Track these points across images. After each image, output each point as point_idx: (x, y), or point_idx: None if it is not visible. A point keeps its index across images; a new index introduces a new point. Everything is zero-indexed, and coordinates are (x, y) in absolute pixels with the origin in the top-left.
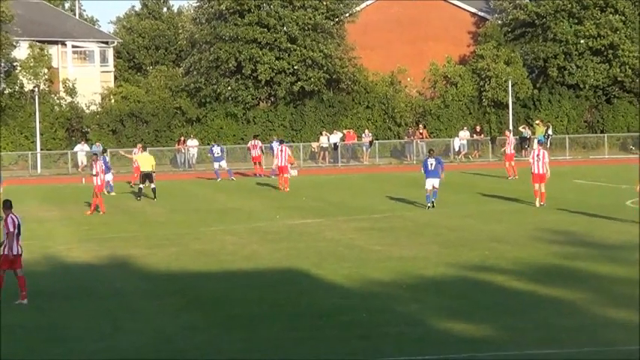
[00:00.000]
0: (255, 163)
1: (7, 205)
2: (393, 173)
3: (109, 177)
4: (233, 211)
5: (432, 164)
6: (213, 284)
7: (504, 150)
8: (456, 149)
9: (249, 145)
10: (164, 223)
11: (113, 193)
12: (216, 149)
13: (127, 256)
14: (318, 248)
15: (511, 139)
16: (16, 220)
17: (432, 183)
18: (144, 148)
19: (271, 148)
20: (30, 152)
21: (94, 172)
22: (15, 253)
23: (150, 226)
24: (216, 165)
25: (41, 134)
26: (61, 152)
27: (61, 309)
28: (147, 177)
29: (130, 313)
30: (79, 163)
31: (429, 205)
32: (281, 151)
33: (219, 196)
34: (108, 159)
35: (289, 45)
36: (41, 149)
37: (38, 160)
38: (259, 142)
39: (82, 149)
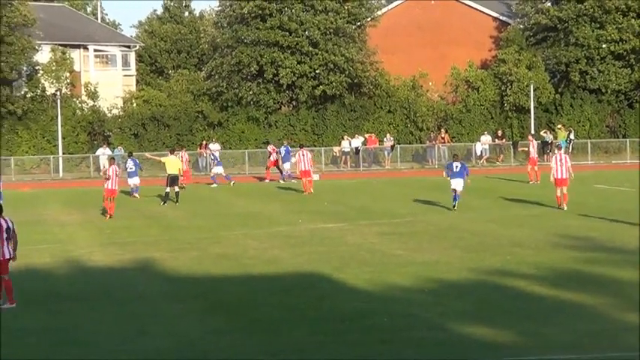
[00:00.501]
0: (268, 168)
1: None
2: (414, 178)
3: (135, 180)
4: (254, 215)
5: (457, 167)
6: (236, 288)
7: (527, 152)
8: (478, 154)
9: (269, 149)
10: (186, 227)
11: (137, 195)
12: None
13: (149, 260)
14: (340, 252)
15: (535, 144)
16: (4, 224)
17: (456, 183)
18: (172, 152)
19: (280, 153)
20: (52, 156)
21: (106, 176)
22: (3, 257)
23: (172, 230)
24: (216, 170)
25: (63, 138)
26: (82, 156)
27: (83, 312)
28: (174, 180)
29: (152, 317)
30: (101, 167)
31: (454, 204)
32: (303, 155)
33: (240, 200)
34: (134, 162)
35: (311, 49)
36: (63, 153)
37: (60, 164)
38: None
39: (103, 153)
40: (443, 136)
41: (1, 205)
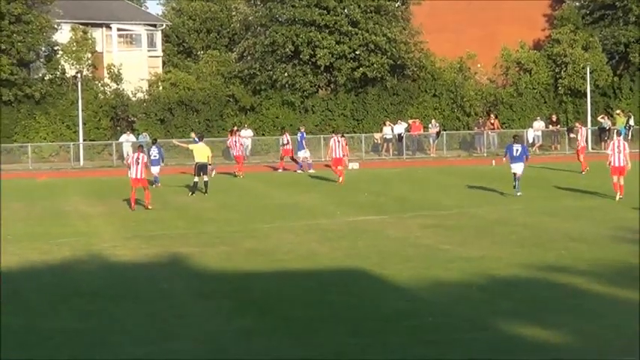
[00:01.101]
0: (282, 158)
1: None
2: (461, 166)
3: (156, 170)
4: (289, 206)
5: (517, 150)
6: (269, 285)
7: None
8: (530, 141)
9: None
10: (215, 220)
11: (159, 185)
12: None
13: (175, 255)
14: (381, 247)
15: (583, 131)
16: None
17: (517, 167)
18: (201, 138)
19: (299, 140)
20: (72, 143)
21: (127, 164)
22: None
23: (200, 223)
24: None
25: (84, 123)
26: (105, 143)
27: (105, 311)
28: (202, 169)
29: (178, 317)
30: (125, 155)
31: (517, 192)
32: (338, 142)
33: (274, 191)
34: (159, 150)
35: (350, 28)
36: (84, 140)
37: (81, 152)
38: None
39: (127, 140)
40: (492, 121)
41: None
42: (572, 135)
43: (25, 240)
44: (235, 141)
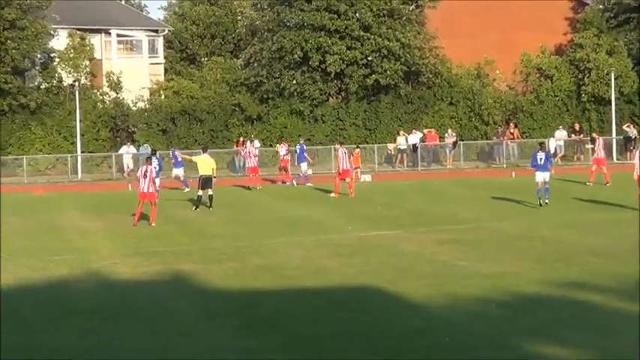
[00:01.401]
0: (281, 169)
1: None
2: (479, 178)
3: (157, 181)
4: (298, 220)
5: (541, 159)
6: (277, 302)
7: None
8: (552, 151)
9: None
10: (221, 235)
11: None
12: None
13: (179, 272)
14: (395, 263)
15: (601, 142)
16: None
17: (542, 177)
18: (205, 149)
19: (298, 152)
20: (69, 155)
21: (128, 178)
22: None
23: (205, 239)
24: (177, 171)
25: (82, 134)
26: (104, 155)
27: (106, 330)
28: (206, 182)
29: (182, 335)
30: (125, 167)
31: (540, 201)
32: (345, 153)
33: (281, 204)
34: (159, 162)
35: (362, 33)
36: (82, 151)
37: (79, 164)
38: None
39: (127, 151)
40: (512, 131)
41: None
42: (588, 146)
43: (21, 256)
44: (249, 152)
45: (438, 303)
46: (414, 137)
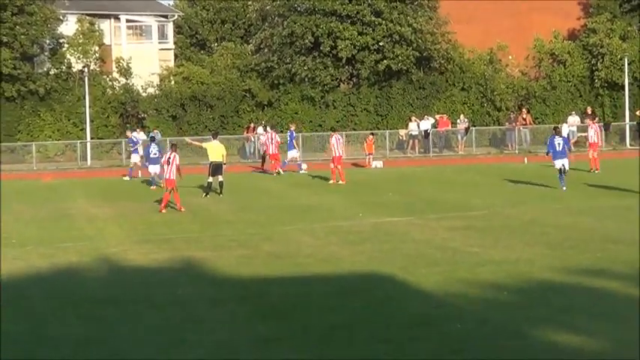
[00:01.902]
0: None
1: None
2: (492, 164)
3: (155, 169)
4: (309, 208)
5: (559, 144)
6: (288, 290)
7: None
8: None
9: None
10: (232, 222)
11: (155, 187)
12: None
13: (189, 259)
14: (406, 250)
15: (596, 127)
16: None
17: (562, 163)
18: (215, 135)
19: (288, 139)
20: (79, 141)
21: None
22: None
23: (215, 226)
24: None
25: (91, 121)
26: (113, 141)
27: (115, 318)
28: (217, 169)
29: (192, 323)
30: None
31: (563, 186)
32: (338, 140)
33: (293, 191)
34: (154, 148)
35: (374, 18)
36: (91, 138)
37: (88, 151)
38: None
39: (137, 138)
40: (524, 117)
41: None
42: (579, 135)
43: (29, 244)
44: (271, 138)
45: (449, 290)
46: (426, 123)
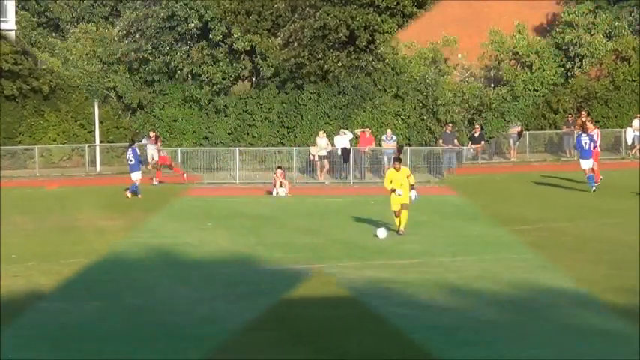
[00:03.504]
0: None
1: None
2: (547, 172)
3: (137, 176)
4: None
5: (585, 143)
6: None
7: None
8: (629, 142)
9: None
10: None
11: (132, 195)
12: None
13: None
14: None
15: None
16: None
17: (586, 164)
18: None
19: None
20: (87, 145)
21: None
22: None
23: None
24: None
25: (101, 122)
26: (125, 145)
27: (134, 342)
28: None
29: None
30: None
31: (592, 187)
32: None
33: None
34: (139, 152)
35: None
36: (101, 141)
37: (97, 155)
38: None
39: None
40: (583, 119)
41: None
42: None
43: (31, 259)
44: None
45: None
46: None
